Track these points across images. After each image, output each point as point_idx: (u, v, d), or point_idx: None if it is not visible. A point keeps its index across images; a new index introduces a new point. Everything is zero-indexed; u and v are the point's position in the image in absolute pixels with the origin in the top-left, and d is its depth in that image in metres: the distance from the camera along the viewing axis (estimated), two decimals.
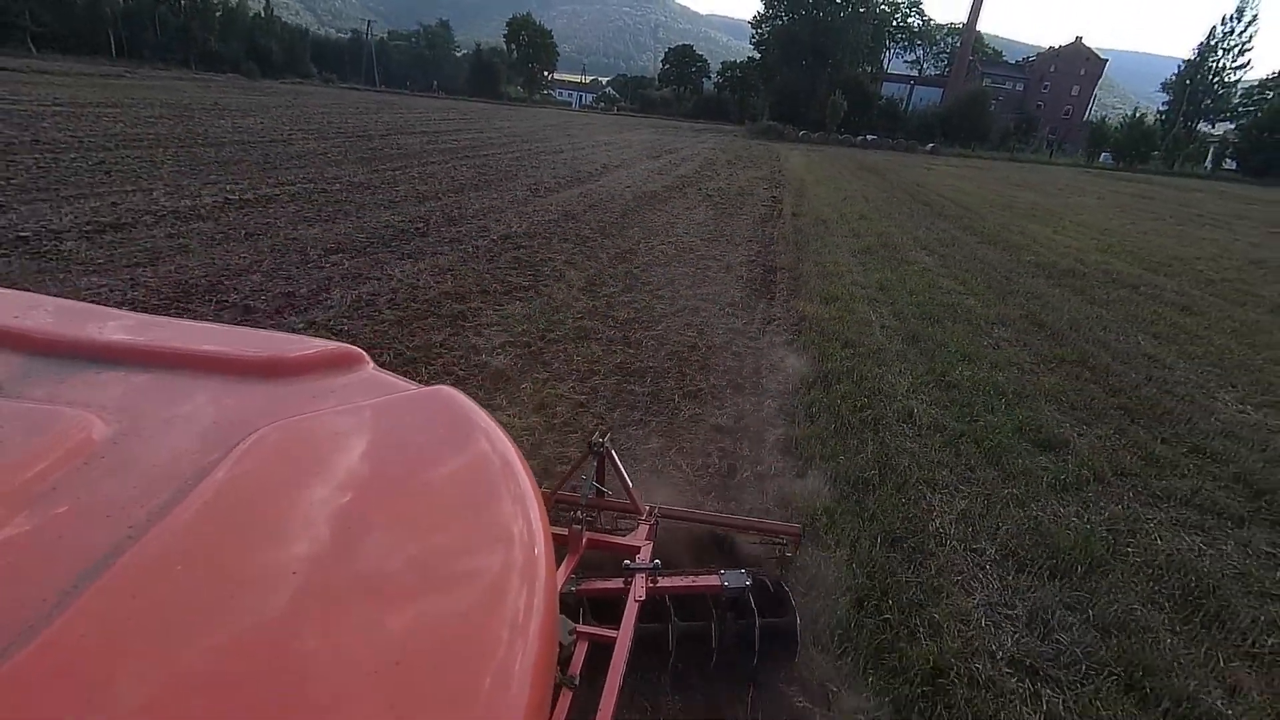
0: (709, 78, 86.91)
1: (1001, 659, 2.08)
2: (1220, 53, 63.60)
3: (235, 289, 5.10)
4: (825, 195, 15.07)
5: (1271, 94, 60.47)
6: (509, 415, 3.39)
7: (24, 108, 16.72)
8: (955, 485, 3.10)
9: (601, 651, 1.58)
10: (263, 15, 69.47)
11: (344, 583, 0.59)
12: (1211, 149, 58.23)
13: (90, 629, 0.49)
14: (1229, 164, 58.13)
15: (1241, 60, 63.37)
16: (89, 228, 6.59)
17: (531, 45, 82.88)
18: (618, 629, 1.61)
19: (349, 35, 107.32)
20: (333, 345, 0.99)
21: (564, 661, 1.55)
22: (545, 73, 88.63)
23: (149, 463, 0.69)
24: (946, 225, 12.02)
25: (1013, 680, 2.01)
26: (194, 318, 4.41)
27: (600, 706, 1.39)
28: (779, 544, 2.25)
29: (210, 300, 4.84)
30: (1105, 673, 2.06)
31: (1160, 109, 68.38)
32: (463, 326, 4.62)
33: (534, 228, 8.23)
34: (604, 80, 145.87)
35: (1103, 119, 68.33)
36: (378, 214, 8.39)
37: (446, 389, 0.92)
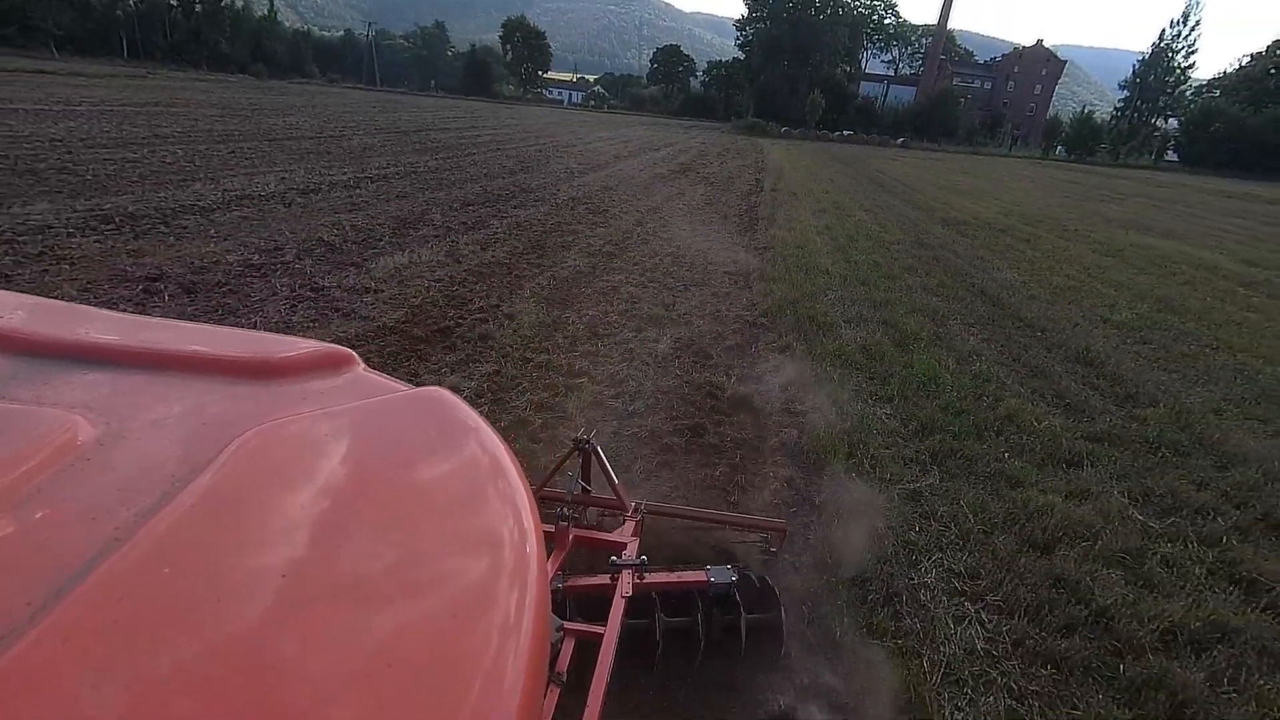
0: (695, 76, 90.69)
1: (837, 319, 5.56)
2: (1169, 54, 68.61)
3: (430, 223, 8.43)
4: (799, 178, 18.60)
5: (1218, 92, 65.59)
6: (623, 262, 6.86)
7: (110, 108, 19.47)
8: (839, 289, 6.59)
9: (588, 648, 1.59)
10: (267, 17, 72.34)
11: (334, 585, 0.59)
12: (1156, 142, 63.49)
13: (74, 634, 0.48)
14: (1172, 156, 63.55)
15: (1188, 61, 68.59)
16: (293, 192, 9.80)
17: (526, 46, 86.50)
18: (604, 626, 1.63)
19: (340, 34, 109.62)
20: (323, 346, 0.99)
21: (551, 659, 1.45)
22: (539, 72, 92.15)
23: (135, 465, 0.68)
24: (889, 198, 15.61)
25: (841, 322, 5.48)
26: (360, 256, 7.74)
27: (588, 703, 1.39)
28: (764, 540, 2.25)
29: (421, 226, 8.16)
30: (876, 321, 5.56)
31: (1116, 105, 73.51)
32: (578, 236, 8.06)
33: (586, 195, 11.64)
34: (591, 78, 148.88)
35: (1055, 116, 73.36)
36: (469, 186, 11.69)
37: (437, 390, 0.92)
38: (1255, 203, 23.78)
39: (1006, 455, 3.34)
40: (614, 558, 1.87)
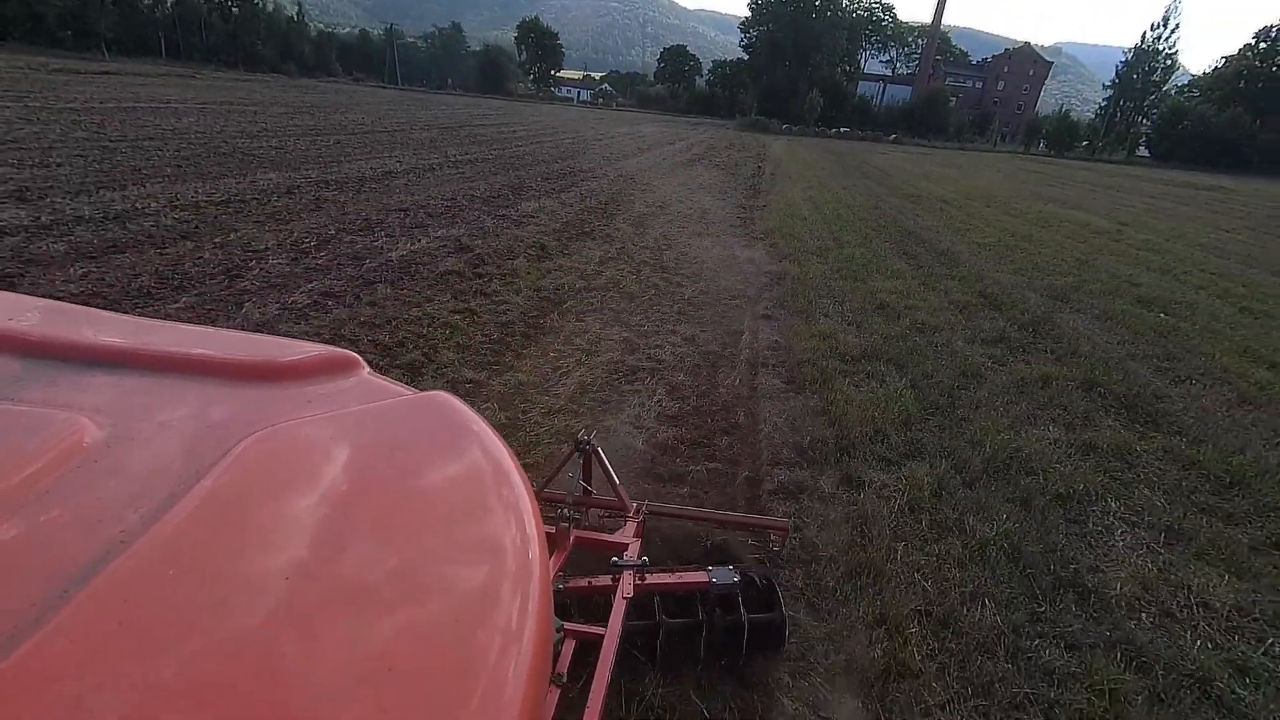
0: (700, 75, 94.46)
1: (804, 236, 9.26)
2: (1151, 55, 72.35)
3: (531, 188, 12.10)
4: (795, 167, 22.29)
5: (1197, 92, 69.35)
6: (670, 211, 10.61)
7: (199, 106, 22.10)
8: (810, 225, 10.29)
9: (590, 649, 1.62)
10: (296, 21, 76.42)
11: (337, 589, 0.60)
12: (1130, 138, 67.50)
13: (80, 636, 0.48)
14: (1144, 152, 67.65)
15: (1168, 62, 72.25)
16: (418, 170, 13.40)
17: (540, 46, 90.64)
18: (605, 626, 1.65)
19: (352, 31, 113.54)
20: (327, 350, 1.00)
21: (552, 659, 1.53)
22: (552, 71, 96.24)
23: (141, 467, 0.69)
24: (867, 181, 19.28)
25: (806, 237, 9.18)
26: (506, 203, 11.44)
27: (589, 704, 1.42)
28: (767, 540, 2.24)
29: (527, 190, 11.84)
30: (828, 237, 9.27)
31: (1100, 103, 77.38)
32: (635, 197, 11.78)
33: (628, 174, 15.32)
34: (597, 76, 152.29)
35: (1045, 113, 77.37)
36: (537, 168, 15.32)
37: (442, 395, 0.93)
38: (1185, 189, 27.45)
39: (872, 274, 7.07)
40: (615, 559, 1.91)
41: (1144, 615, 2.36)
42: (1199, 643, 2.26)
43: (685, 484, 2.96)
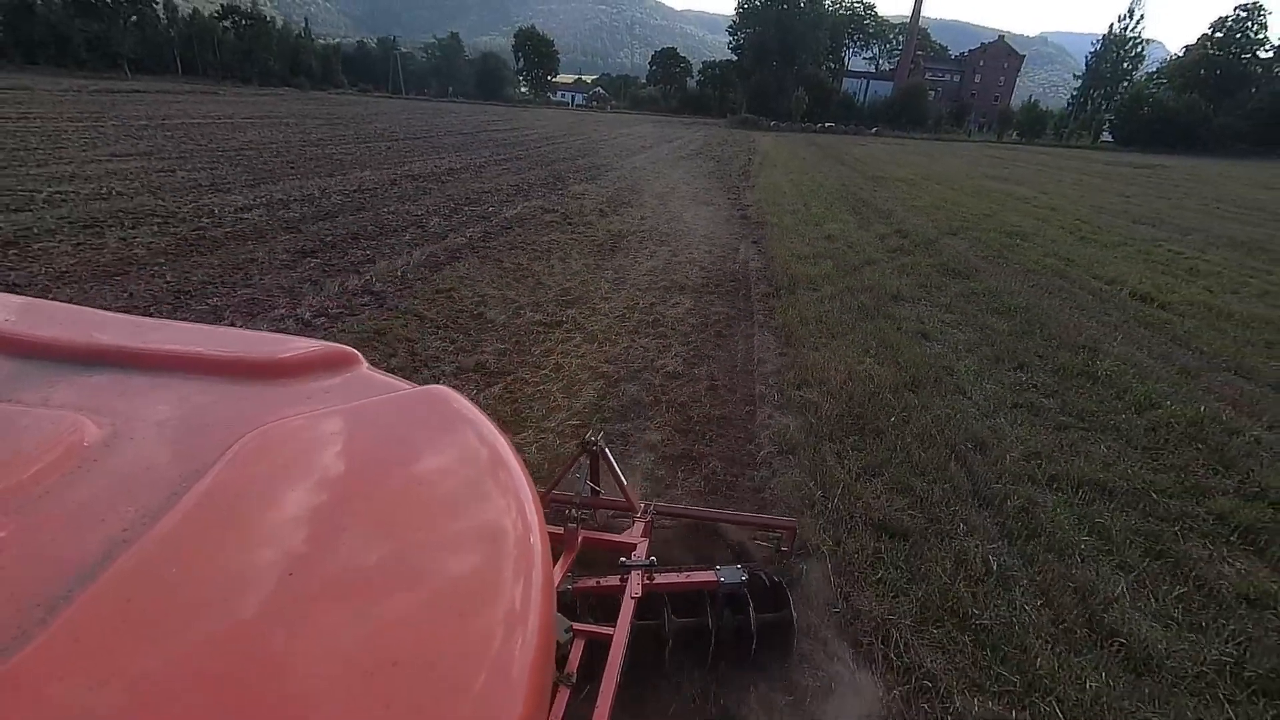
0: (691, 76, 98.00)
1: (784, 204, 12.55)
2: (1118, 46, 76.21)
3: (568, 178, 15.32)
4: (780, 158, 25.58)
5: (1165, 80, 73.30)
6: (680, 192, 13.93)
7: (245, 121, 25.01)
8: (789, 198, 13.55)
9: (599, 650, 1.65)
10: (305, 36, 79.73)
11: (339, 584, 0.60)
12: (1094, 125, 71.48)
13: (85, 634, 0.49)
14: (1109, 137, 71.60)
15: (1136, 52, 76.11)
16: (474, 167, 16.59)
17: (536, 53, 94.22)
18: (614, 627, 1.68)
19: (353, 43, 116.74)
20: (327, 346, 1.01)
21: (561, 660, 1.54)
22: (549, 76, 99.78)
23: (142, 466, 0.70)
24: (842, 168, 22.58)
25: (785, 204, 12.47)
26: (557, 188, 14.69)
27: (598, 704, 1.46)
28: (775, 539, 2.25)
29: (566, 179, 15.07)
30: (801, 205, 12.58)
31: (1072, 92, 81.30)
32: (652, 182, 15.04)
33: (641, 166, 18.58)
34: (589, 79, 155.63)
35: (1006, 104, 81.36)
36: (563, 164, 18.50)
37: (441, 389, 0.94)
38: (1124, 168, 30.87)
39: (827, 222, 10.35)
40: (624, 559, 1.94)
41: (909, 325, 5.64)
42: (928, 325, 5.55)
43: (715, 294, 6.23)
